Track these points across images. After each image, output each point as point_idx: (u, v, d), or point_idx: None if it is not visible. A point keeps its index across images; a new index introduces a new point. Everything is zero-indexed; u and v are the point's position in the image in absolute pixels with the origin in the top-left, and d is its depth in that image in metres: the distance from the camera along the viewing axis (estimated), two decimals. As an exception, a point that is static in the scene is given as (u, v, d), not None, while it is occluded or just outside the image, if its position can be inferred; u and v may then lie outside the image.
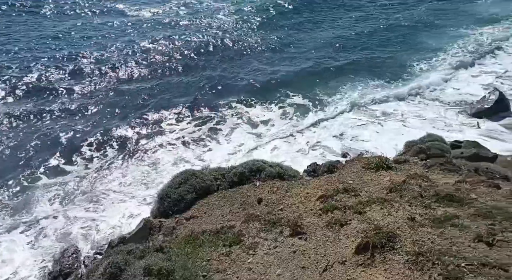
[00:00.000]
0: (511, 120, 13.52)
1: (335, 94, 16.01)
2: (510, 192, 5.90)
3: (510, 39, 19.68)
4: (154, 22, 23.85)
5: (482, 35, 20.30)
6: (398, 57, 18.83)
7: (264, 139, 13.55)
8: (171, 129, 14.09)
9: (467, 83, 16.35)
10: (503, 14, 22.39)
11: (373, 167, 8.15)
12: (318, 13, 23.98)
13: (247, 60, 19.20)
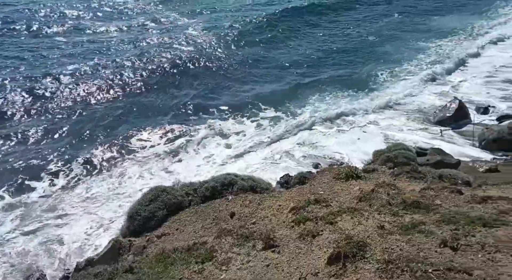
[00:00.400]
0: (471, 127, 14.19)
1: (305, 106, 16.29)
2: (471, 197, 6.16)
3: (467, 50, 20.77)
4: (122, 39, 23.58)
5: (441, 47, 21.38)
6: (364, 68, 19.47)
7: (236, 151, 13.53)
8: (142, 145, 13.83)
9: (429, 93, 17.08)
10: (461, 28, 23.69)
11: (343, 177, 8.31)
12: (288, 30, 24.36)
13: (219, 76, 19.24)
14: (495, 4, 27.29)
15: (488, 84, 17.26)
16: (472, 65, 19.34)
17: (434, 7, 28.50)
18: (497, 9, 26.20)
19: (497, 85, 17.06)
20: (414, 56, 20.65)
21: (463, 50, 20.73)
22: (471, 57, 19.91)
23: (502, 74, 18.04)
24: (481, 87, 17.10)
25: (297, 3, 28.57)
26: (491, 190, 6.71)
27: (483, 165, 11.72)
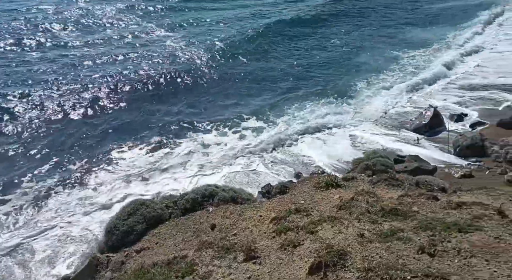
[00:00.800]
0: (445, 134, 14.59)
1: (283, 116, 16.37)
2: (446, 203, 6.31)
3: (438, 60, 21.44)
4: (100, 53, 23.18)
5: (414, 57, 22.01)
6: (342, 79, 19.76)
7: (218, 162, 13.44)
8: (121, 158, 13.53)
9: (405, 102, 17.49)
10: (433, 39, 24.47)
11: (323, 186, 8.39)
12: (269, 44, 24.44)
13: (200, 89, 19.12)
14: (466, 17, 28.31)
15: (447, 91, 17.94)
16: (445, 74, 19.93)
17: (406, 18, 29.31)
18: (468, 22, 27.14)
19: (453, 92, 17.79)
20: (390, 65, 21.17)
21: (434, 60, 21.41)
22: (444, 66, 20.55)
23: (463, 81, 18.77)
24: (447, 95, 17.68)
25: (278, 18, 28.83)
26: (465, 195, 6.90)
27: (458, 170, 12.04)
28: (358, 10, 32.15)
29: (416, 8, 31.90)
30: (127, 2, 33.38)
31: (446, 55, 21.70)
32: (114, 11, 31.27)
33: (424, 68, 20.57)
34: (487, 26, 25.16)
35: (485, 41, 23.17)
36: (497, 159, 12.28)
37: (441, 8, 31.00)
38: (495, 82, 18.13)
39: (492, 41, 23.16)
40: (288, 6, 33.72)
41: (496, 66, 19.84)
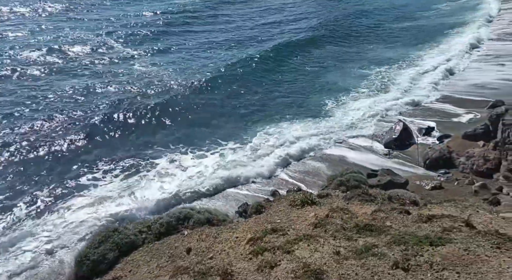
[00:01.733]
0: (415, 147, 15.06)
1: (257, 136, 16.41)
2: (418, 216, 6.46)
3: (402, 76, 22.10)
4: (71, 72, 22.82)
5: (380, 73, 22.66)
6: (313, 97, 19.97)
7: (194, 183, 13.26)
8: (94, 183, 13.13)
9: (374, 117, 17.85)
10: (396, 57, 25.31)
11: (299, 204, 8.42)
12: (244, 72, 24.38)
13: (173, 109, 18.92)
14: (427, 36, 29.51)
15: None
16: (408, 91, 20.52)
17: (368, 37, 30.11)
18: (430, 42, 28.26)
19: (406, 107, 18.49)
20: (357, 82, 21.62)
21: (398, 75, 22.07)
22: (407, 82, 21.15)
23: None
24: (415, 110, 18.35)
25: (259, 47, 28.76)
26: (435, 208, 7.09)
27: (429, 182, 12.41)
28: (327, 29, 33.15)
29: (380, 27, 33.03)
30: (109, 28, 32.89)
31: (409, 73, 22.43)
32: (90, 35, 30.79)
33: (388, 83, 21.18)
34: (451, 46, 26.16)
35: (447, 61, 24.09)
36: (464, 170, 12.76)
37: (404, 28, 32.23)
38: (450, 97, 19.05)
39: (455, 61, 24.10)
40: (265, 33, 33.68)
41: (452, 84, 20.80)
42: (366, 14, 36.34)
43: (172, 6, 38.97)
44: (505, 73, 20.81)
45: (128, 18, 35.40)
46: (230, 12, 37.28)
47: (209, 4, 39.66)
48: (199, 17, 34.18)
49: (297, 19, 33.72)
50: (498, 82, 19.95)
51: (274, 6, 39.69)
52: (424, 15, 35.22)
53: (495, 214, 6.43)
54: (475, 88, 19.62)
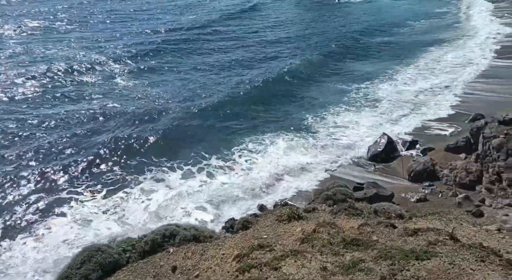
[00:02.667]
0: (401, 159, 15.28)
1: (242, 151, 16.43)
2: (403, 230, 6.50)
3: (380, 92, 22.40)
4: (59, 89, 22.57)
5: (360, 90, 22.94)
6: (295, 113, 20.08)
7: (178, 199, 13.11)
8: (76, 200, 12.87)
9: (356, 132, 18.01)
10: (375, 73, 25.68)
11: (285, 219, 8.37)
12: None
13: (158, 124, 18.84)
14: (408, 52, 30.12)
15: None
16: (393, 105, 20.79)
17: (349, 53, 30.31)
18: (412, 57, 28.79)
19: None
20: (337, 97, 21.76)
21: (378, 91, 22.28)
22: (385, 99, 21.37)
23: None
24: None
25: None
26: (420, 221, 7.15)
27: (414, 195, 12.57)
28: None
29: (362, 42, 33.64)
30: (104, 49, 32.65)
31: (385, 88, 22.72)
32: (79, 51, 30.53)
33: (368, 99, 21.38)
34: (428, 63, 26.55)
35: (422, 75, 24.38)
36: (448, 182, 12.98)
37: (384, 42, 32.90)
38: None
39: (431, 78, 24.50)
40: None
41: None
42: (346, 31, 37.02)
43: (169, 26, 38.68)
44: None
45: (119, 37, 35.19)
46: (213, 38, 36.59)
47: (205, 24, 39.42)
48: (194, 39, 34.00)
49: (277, 40, 33.95)
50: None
51: (255, 26, 39.74)
52: (400, 32, 35.96)
53: (478, 226, 6.52)
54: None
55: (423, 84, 22.94)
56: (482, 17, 36.20)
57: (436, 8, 42.83)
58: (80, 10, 48.37)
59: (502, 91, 20.24)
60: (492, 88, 21.00)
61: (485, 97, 20.08)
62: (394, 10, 44.66)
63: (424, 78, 23.88)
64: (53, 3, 51.94)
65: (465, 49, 28.27)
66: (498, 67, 24.10)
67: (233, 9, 45.14)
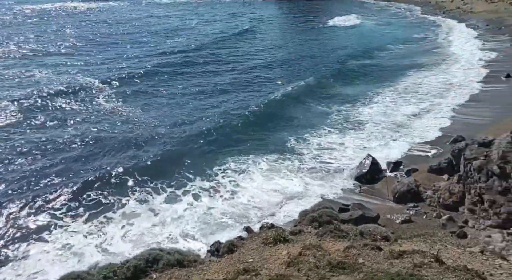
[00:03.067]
0: (385, 180, 15.42)
1: (225, 171, 16.36)
2: (389, 252, 6.49)
3: (362, 115, 22.68)
4: (43, 110, 22.34)
5: (340, 112, 23.25)
6: (277, 134, 20.18)
7: (166, 227, 12.86)
8: (55, 225, 12.46)
9: (340, 154, 18.15)
10: (356, 95, 26.02)
11: (271, 241, 8.30)
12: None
13: (142, 144, 18.72)
14: (389, 75, 30.88)
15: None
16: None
17: (330, 75, 30.40)
18: (396, 79, 29.54)
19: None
20: (320, 120, 21.92)
21: (357, 114, 22.59)
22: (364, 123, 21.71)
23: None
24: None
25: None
26: (406, 243, 7.18)
27: (399, 216, 12.63)
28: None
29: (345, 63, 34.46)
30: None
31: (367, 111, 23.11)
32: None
33: (350, 121, 21.63)
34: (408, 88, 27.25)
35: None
36: (432, 203, 13.11)
37: (365, 65, 33.73)
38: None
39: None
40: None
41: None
42: (328, 54, 37.81)
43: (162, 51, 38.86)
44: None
45: (106, 60, 35.14)
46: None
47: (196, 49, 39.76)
48: (179, 63, 34.12)
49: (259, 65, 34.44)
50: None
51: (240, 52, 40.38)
52: (380, 55, 36.91)
53: (462, 248, 6.57)
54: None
55: (404, 107, 23.43)
56: (462, 43, 37.61)
57: (414, 33, 44.31)
58: (67, 34, 48.48)
59: (481, 114, 20.87)
60: (472, 111, 21.65)
61: (465, 119, 20.64)
62: (375, 34, 46.14)
63: (405, 101, 24.42)
64: (38, 28, 52.04)
65: (446, 74, 29.19)
66: (476, 90, 24.91)
67: (218, 36, 45.86)
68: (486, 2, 54.16)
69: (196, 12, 70.84)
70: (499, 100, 22.37)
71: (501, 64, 29.43)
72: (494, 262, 6.23)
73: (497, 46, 34.43)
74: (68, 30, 51.09)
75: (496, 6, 50.61)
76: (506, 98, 22.55)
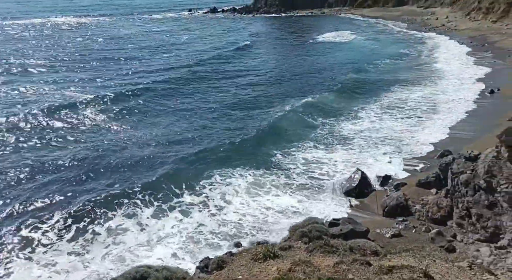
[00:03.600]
0: (375, 194, 15.49)
1: (212, 189, 16.29)
2: (378, 268, 6.48)
3: (345, 130, 22.77)
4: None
5: (325, 125, 23.45)
6: (262, 149, 20.14)
7: (152, 237, 12.65)
8: (38, 241, 12.16)
9: (327, 168, 18.20)
10: (341, 109, 26.32)
11: (261, 257, 8.21)
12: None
13: (129, 158, 18.59)
14: (375, 90, 31.17)
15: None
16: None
17: (320, 90, 30.67)
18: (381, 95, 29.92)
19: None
20: (306, 134, 22.01)
21: (346, 128, 22.85)
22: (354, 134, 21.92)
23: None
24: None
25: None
26: (395, 258, 7.18)
27: (388, 231, 12.65)
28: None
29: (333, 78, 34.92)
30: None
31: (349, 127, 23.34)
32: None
33: (336, 136, 21.76)
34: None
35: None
36: (420, 218, 13.19)
37: (351, 80, 34.14)
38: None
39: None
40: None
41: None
42: (314, 68, 38.32)
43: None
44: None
45: (98, 78, 35.05)
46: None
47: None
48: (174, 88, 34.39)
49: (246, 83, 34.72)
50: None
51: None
52: (369, 70, 37.49)
53: (450, 263, 6.60)
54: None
55: (391, 122, 23.67)
56: (447, 59, 38.51)
57: (401, 49, 45.12)
58: (56, 49, 48.49)
59: (467, 129, 21.27)
60: (458, 126, 22.04)
61: (451, 134, 20.96)
62: (364, 50, 47.04)
63: (391, 116, 24.71)
64: (24, 44, 51.95)
65: (432, 89, 29.67)
66: (462, 106, 25.38)
67: (210, 53, 46.25)
68: (470, 20, 55.92)
69: (186, 27, 71.79)
70: (484, 116, 22.87)
71: (485, 80, 30.19)
72: (482, 277, 6.27)
73: (481, 63, 35.38)
74: (58, 45, 51.13)
75: (479, 24, 52.24)
76: (490, 113, 23.06)
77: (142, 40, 55.89)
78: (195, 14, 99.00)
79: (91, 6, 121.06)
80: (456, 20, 58.73)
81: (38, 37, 58.36)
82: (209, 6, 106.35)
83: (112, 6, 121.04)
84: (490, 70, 32.74)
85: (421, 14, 70.63)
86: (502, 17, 50.44)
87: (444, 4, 72.34)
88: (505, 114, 21.53)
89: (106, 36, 59.54)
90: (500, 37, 43.26)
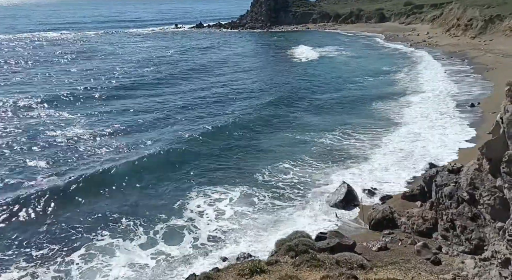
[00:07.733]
0: (361, 207, 15.53)
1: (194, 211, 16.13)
2: (365, 282, 6.45)
3: (336, 144, 22.94)
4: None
5: (314, 139, 23.65)
6: (253, 166, 20.08)
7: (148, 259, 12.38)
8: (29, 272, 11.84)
9: (316, 181, 18.27)
10: (332, 126, 26.60)
11: (247, 273, 8.11)
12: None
13: (114, 180, 18.31)
14: (358, 105, 31.46)
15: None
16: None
17: (304, 107, 31.06)
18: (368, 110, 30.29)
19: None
20: (300, 149, 22.05)
21: (337, 142, 22.97)
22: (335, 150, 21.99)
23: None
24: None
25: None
26: (381, 271, 7.17)
27: (375, 243, 12.64)
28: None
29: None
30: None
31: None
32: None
33: (326, 150, 21.89)
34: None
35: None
36: (406, 230, 13.26)
37: (336, 97, 34.37)
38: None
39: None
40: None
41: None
42: (300, 85, 38.66)
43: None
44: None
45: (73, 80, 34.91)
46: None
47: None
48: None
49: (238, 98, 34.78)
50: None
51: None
52: (350, 87, 37.80)
53: (435, 275, 6.62)
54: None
55: (375, 136, 23.94)
56: (428, 74, 39.49)
57: (383, 66, 45.82)
58: (43, 63, 48.14)
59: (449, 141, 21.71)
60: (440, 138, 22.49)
61: (434, 147, 21.32)
62: (349, 65, 47.87)
63: (373, 131, 24.91)
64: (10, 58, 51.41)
65: (416, 103, 30.26)
66: (444, 118, 25.94)
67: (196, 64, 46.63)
68: (450, 36, 57.73)
69: (177, 41, 72.34)
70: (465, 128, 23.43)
71: (464, 93, 31.00)
72: (467, 289, 6.30)
73: (460, 78, 36.38)
74: (44, 60, 50.68)
75: (458, 40, 53.95)
76: (471, 126, 23.62)
77: (123, 54, 56.04)
78: (181, 29, 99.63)
79: (76, 22, 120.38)
80: (436, 36, 60.54)
81: (25, 51, 57.86)
82: (195, 21, 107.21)
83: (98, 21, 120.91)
84: (470, 84, 33.69)
85: (403, 30, 72.62)
86: (480, 33, 52.24)
87: (425, 20, 74.67)
88: (485, 126, 22.07)
89: (91, 51, 59.43)
90: (478, 52, 44.64)
